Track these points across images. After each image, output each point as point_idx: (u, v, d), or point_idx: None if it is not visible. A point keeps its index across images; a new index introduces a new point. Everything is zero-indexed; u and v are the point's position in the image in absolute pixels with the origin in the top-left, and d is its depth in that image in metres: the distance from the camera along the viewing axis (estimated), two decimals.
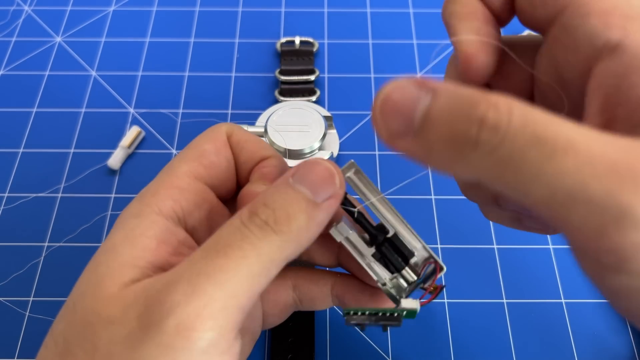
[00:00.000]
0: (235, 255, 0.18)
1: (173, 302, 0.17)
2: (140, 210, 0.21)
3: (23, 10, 0.47)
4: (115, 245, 0.20)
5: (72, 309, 0.20)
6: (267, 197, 0.20)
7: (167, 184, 0.22)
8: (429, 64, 0.44)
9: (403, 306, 0.22)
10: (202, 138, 0.24)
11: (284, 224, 0.19)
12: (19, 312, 0.33)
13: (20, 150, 0.39)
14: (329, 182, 0.20)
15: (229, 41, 0.46)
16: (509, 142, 0.14)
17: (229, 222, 0.20)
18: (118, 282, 0.19)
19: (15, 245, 0.35)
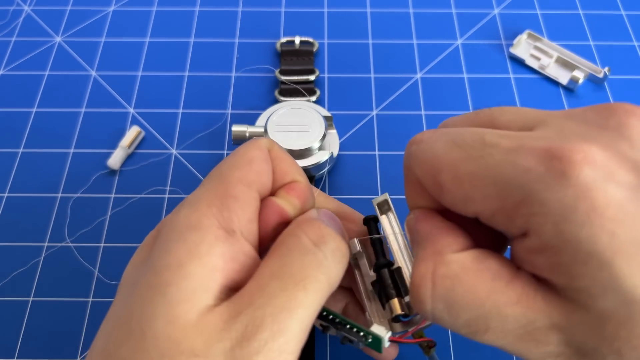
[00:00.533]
0: (313, 289, 0.19)
1: (261, 341, 0.18)
2: (199, 222, 0.20)
3: (23, 10, 0.47)
4: (182, 264, 0.19)
5: (139, 334, 0.18)
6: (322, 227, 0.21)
7: (221, 192, 0.21)
8: (428, 64, 0.44)
9: (372, 329, 0.22)
10: (248, 146, 0.23)
11: (346, 251, 0.21)
12: (18, 312, 0.33)
13: (20, 150, 0.39)
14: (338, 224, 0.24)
15: (229, 41, 0.46)
16: (442, 322, 0.19)
17: (296, 243, 0.20)
18: (195, 309, 0.18)
19: (15, 246, 0.35)
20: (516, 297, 0.18)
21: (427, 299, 0.18)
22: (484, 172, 0.18)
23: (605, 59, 0.45)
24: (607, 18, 0.47)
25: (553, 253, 0.17)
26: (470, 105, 0.42)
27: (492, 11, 0.48)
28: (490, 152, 0.18)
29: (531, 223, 0.17)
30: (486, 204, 0.18)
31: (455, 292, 0.18)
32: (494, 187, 0.18)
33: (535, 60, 0.44)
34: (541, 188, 0.16)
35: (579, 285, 0.16)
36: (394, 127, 0.40)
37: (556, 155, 0.17)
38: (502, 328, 0.18)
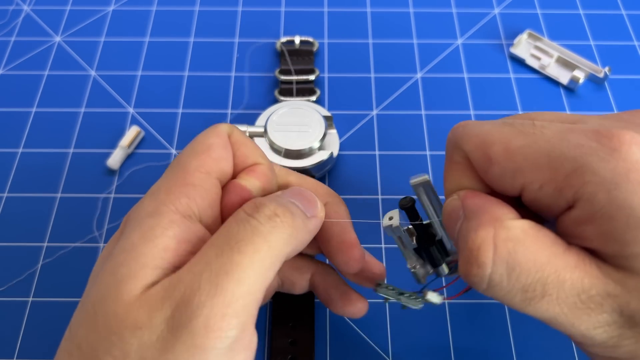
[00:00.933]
0: (248, 250, 0.19)
1: (199, 303, 0.18)
2: (156, 208, 0.21)
3: (22, 9, 0.47)
4: (134, 245, 0.20)
5: (92, 314, 0.19)
6: (269, 198, 0.22)
7: (180, 181, 0.22)
8: (428, 64, 0.44)
9: (428, 298, 0.24)
10: (207, 134, 0.24)
11: (289, 219, 0.21)
12: (18, 312, 0.33)
13: (20, 150, 0.39)
14: (313, 204, 0.23)
15: (229, 41, 0.46)
16: (497, 289, 0.19)
17: (234, 216, 0.21)
18: (140, 284, 0.19)
19: (15, 246, 0.35)
20: (574, 262, 0.18)
21: (488, 261, 0.18)
22: (536, 145, 0.19)
23: (605, 58, 0.45)
24: (607, 18, 0.47)
25: (605, 221, 0.17)
26: (471, 105, 0.42)
27: (492, 11, 0.48)
28: (542, 131, 0.19)
29: (582, 192, 0.18)
30: (536, 174, 0.19)
31: (518, 255, 0.18)
32: (546, 158, 0.19)
33: (536, 60, 0.44)
34: (594, 160, 0.18)
35: (632, 251, 0.17)
36: (394, 127, 0.40)
37: (606, 135, 0.18)
38: (558, 294, 0.18)
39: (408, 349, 0.31)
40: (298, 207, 0.22)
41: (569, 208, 0.19)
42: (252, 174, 0.24)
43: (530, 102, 0.42)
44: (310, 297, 0.32)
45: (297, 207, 0.22)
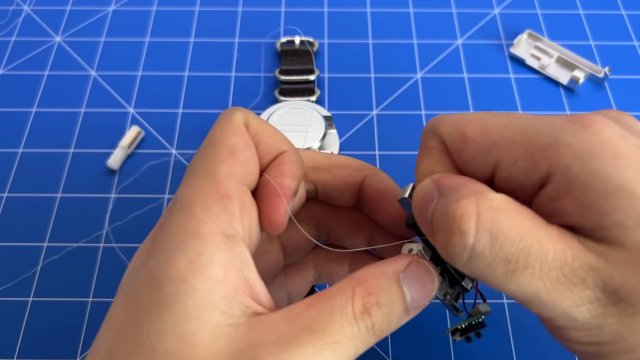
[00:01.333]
0: (341, 353, 0.19)
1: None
2: (197, 229, 0.19)
3: (22, 9, 0.47)
4: (185, 278, 0.18)
5: (149, 348, 0.18)
6: (382, 293, 0.20)
7: (214, 192, 0.20)
8: (428, 64, 0.44)
9: (481, 310, 0.24)
10: (225, 131, 0.21)
11: (382, 331, 0.20)
12: (18, 312, 0.33)
13: (20, 150, 0.39)
14: (428, 294, 0.21)
15: (229, 41, 0.46)
16: (479, 260, 0.18)
17: (339, 307, 0.19)
18: (205, 328, 0.18)
19: (15, 246, 0.35)
20: (556, 235, 0.18)
21: (470, 230, 0.18)
22: (511, 124, 0.19)
23: (605, 58, 0.45)
24: (607, 18, 0.47)
25: (581, 192, 0.17)
26: (471, 105, 0.42)
27: (492, 11, 0.48)
28: (517, 115, 0.20)
29: (557, 165, 0.18)
30: (510, 149, 0.19)
31: (501, 224, 0.18)
32: (521, 134, 0.19)
33: (536, 60, 0.44)
34: (567, 134, 0.18)
35: (612, 220, 0.17)
36: (394, 127, 0.40)
37: (578, 116, 0.19)
38: (541, 266, 0.17)
39: (408, 349, 0.31)
40: (405, 306, 0.20)
41: (543, 185, 0.19)
42: (283, 169, 0.22)
43: (530, 102, 0.42)
44: None
45: (402, 307, 0.20)
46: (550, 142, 0.18)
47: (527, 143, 0.19)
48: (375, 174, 0.25)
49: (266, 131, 0.23)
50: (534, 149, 0.18)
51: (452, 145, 0.21)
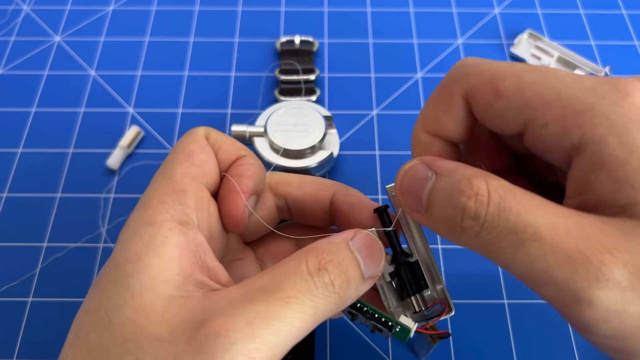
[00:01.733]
0: (296, 309, 0.19)
1: (230, 339, 0.18)
2: (152, 217, 0.21)
3: (22, 9, 0.47)
4: (139, 256, 0.20)
5: (106, 321, 0.19)
6: (333, 253, 0.21)
7: (169, 189, 0.22)
8: (428, 64, 0.44)
9: (400, 320, 0.23)
10: (185, 140, 0.24)
11: (343, 290, 0.20)
12: (18, 312, 0.33)
13: (19, 150, 0.39)
14: (378, 262, 0.22)
15: (229, 41, 0.46)
16: (485, 231, 0.18)
17: (294, 264, 0.20)
18: (159, 298, 0.19)
19: (15, 246, 0.35)
20: (567, 212, 0.17)
21: (484, 204, 0.18)
22: (548, 82, 0.19)
23: (606, 58, 0.45)
24: (608, 17, 0.47)
25: (617, 165, 0.17)
26: None
27: (492, 11, 0.48)
28: (556, 71, 0.19)
29: (592, 135, 0.17)
30: (544, 110, 0.19)
31: (507, 198, 0.18)
32: (557, 96, 0.18)
33: (536, 59, 0.44)
34: (605, 103, 0.17)
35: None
36: (394, 127, 0.40)
37: (620, 81, 0.18)
38: (552, 238, 0.17)
39: (408, 349, 0.31)
40: (359, 268, 0.21)
41: (572, 154, 0.18)
42: (241, 170, 0.24)
43: None
44: None
45: (357, 269, 0.21)
46: (587, 109, 0.17)
47: (561, 106, 0.18)
48: (344, 188, 0.26)
49: (225, 140, 0.25)
50: (567, 114, 0.18)
51: (482, 97, 0.21)
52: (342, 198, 0.26)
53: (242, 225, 0.24)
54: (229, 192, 0.24)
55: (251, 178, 0.24)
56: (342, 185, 0.27)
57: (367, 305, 0.23)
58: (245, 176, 0.24)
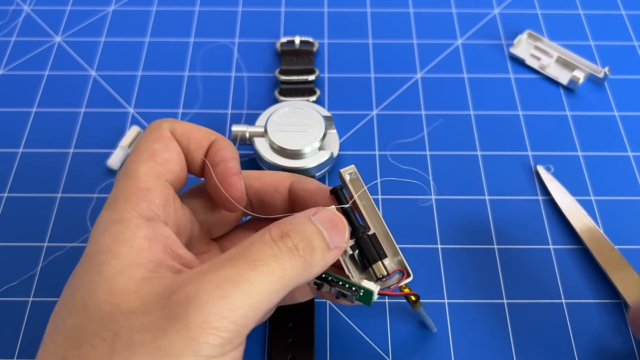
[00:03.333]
0: (262, 271, 0.20)
1: (201, 300, 0.19)
2: (120, 216, 0.22)
3: (22, 10, 0.47)
4: (110, 248, 0.21)
5: (82, 306, 0.20)
6: (295, 224, 0.22)
7: (134, 188, 0.23)
8: (428, 64, 0.44)
9: (363, 284, 0.24)
10: (148, 138, 0.25)
11: (308, 254, 0.22)
12: (18, 312, 0.33)
13: (20, 150, 0.39)
14: (341, 233, 0.23)
15: (229, 41, 0.46)
16: None
17: (258, 236, 0.22)
18: (132, 280, 0.20)
19: (15, 246, 0.35)
20: None
21: None
22: None
23: (605, 58, 0.45)
24: (607, 18, 0.47)
25: None
26: (470, 105, 0.42)
27: (492, 11, 0.48)
28: None
29: None
30: None
31: None
32: None
33: (536, 60, 0.44)
34: None
35: None
36: (394, 127, 0.40)
37: None
38: None
39: (408, 349, 0.31)
40: (323, 237, 0.23)
41: None
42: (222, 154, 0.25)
43: (530, 102, 0.42)
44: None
45: (321, 238, 0.22)
46: None
47: None
48: (302, 177, 0.28)
49: (192, 129, 0.26)
50: None
51: None
52: (299, 186, 0.27)
53: (243, 203, 0.26)
54: (224, 177, 0.25)
55: (234, 159, 0.25)
56: (298, 175, 0.28)
57: (332, 275, 0.25)
58: (229, 159, 0.25)
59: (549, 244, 0.35)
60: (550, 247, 0.35)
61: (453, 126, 0.41)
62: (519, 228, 0.36)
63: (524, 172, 0.38)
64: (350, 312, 0.33)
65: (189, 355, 0.18)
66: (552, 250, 0.35)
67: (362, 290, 0.24)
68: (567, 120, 0.41)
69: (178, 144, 0.25)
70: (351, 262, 0.25)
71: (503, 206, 0.37)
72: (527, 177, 0.38)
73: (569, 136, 0.40)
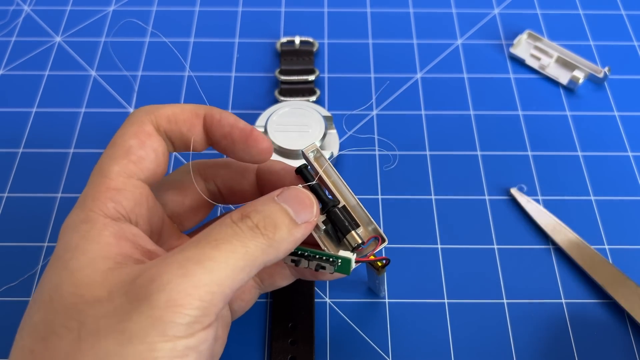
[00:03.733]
0: (225, 249, 0.20)
1: (164, 280, 0.19)
2: (87, 216, 0.22)
3: (23, 10, 0.47)
4: (77, 245, 0.21)
5: (48, 300, 0.20)
6: (257, 205, 0.22)
7: (104, 186, 0.23)
8: (428, 64, 0.44)
9: (340, 254, 0.25)
10: (124, 133, 0.24)
11: (270, 231, 0.22)
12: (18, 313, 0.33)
13: (20, 151, 0.39)
14: (309, 208, 0.23)
15: (229, 41, 0.46)
16: None
17: (220, 220, 0.22)
18: (98, 272, 0.20)
19: (15, 246, 0.35)
20: None
21: None
22: None
23: (605, 58, 0.45)
24: (607, 18, 0.47)
25: None
26: (470, 106, 0.42)
27: (492, 11, 0.48)
28: None
29: None
30: None
31: None
32: None
33: (536, 60, 0.44)
34: None
35: None
36: (394, 127, 0.40)
37: None
38: None
39: (408, 349, 0.31)
40: (287, 214, 0.22)
41: None
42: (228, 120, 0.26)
43: (529, 102, 0.42)
44: (310, 297, 0.32)
45: (285, 215, 0.22)
46: None
47: None
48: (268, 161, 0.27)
49: (176, 112, 0.25)
50: None
51: None
52: (265, 169, 0.28)
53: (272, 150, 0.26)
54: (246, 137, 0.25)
55: (238, 119, 0.26)
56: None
57: (308, 250, 0.25)
58: (234, 122, 0.25)
59: (549, 245, 0.35)
60: (550, 247, 0.35)
61: (453, 126, 0.41)
62: (520, 228, 0.36)
63: (524, 172, 0.38)
64: (350, 313, 0.33)
65: (155, 336, 0.18)
66: (552, 251, 0.35)
67: (339, 259, 0.25)
68: (567, 120, 0.41)
69: (159, 138, 0.25)
70: (326, 237, 0.26)
71: (503, 206, 0.37)
72: (527, 177, 0.38)
73: (568, 136, 0.40)
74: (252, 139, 0.25)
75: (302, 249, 0.25)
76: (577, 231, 0.35)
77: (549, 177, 0.38)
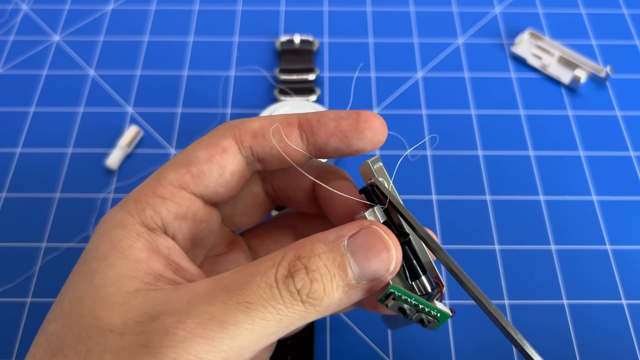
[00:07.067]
0: (255, 316, 0.18)
1: (178, 336, 0.17)
2: (123, 219, 0.21)
3: (21, 9, 0.47)
4: (107, 256, 0.20)
5: (67, 311, 0.19)
6: (311, 260, 0.19)
7: (151, 191, 0.22)
8: (429, 63, 0.44)
9: (438, 306, 0.20)
10: (200, 143, 0.23)
11: (317, 300, 0.18)
12: (17, 313, 0.33)
13: (18, 150, 0.39)
14: (384, 267, 0.19)
15: (228, 40, 0.45)
16: None
17: (262, 270, 0.19)
18: (121, 292, 0.19)
19: (14, 246, 0.35)
20: None
21: None
22: None
23: (607, 58, 0.44)
24: (609, 17, 0.47)
25: None
26: (472, 105, 0.41)
27: (493, 10, 0.48)
28: None
29: None
30: None
31: None
32: None
33: (537, 59, 0.44)
34: None
35: None
36: (394, 127, 0.40)
37: None
38: None
39: (408, 349, 0.31)
40: (347, 273, 0.19)
41: None
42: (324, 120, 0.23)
43: (531, 101, 0.42)
44: None
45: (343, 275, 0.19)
46: None
47: None
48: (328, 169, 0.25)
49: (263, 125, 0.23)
50: None
51: None
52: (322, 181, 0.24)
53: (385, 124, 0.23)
54: (357, 122, 0.22)
55: (338, 110, 0.23)
56: (325, 164, 0.25)
57: (407, 294, 0.19)
58: (333, 118, 0.22)
59: (551, 245, 0.35)
60: (551, 248, 0.35)
61: (454, 126, 0.40)
62: (520, 228, 0.36)
63: (525, 172, 0.38)
64: (350, 313, 0.32)
65: None
66: (554, 252, 0.35)
67: (438, 313, 0.20)
68: (569, 120, 0.41)
69: (236, 157, 0.22)
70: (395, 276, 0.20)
71: (504, 206, 0.36)
72: (528, 176, 0.38)
73: (570, 136, 0.40)
74: (363, 119, 0.22)
75: (407, 293, 0.19)
76: (578, 231, 0.35)
77: (551, 177, 0.38)
